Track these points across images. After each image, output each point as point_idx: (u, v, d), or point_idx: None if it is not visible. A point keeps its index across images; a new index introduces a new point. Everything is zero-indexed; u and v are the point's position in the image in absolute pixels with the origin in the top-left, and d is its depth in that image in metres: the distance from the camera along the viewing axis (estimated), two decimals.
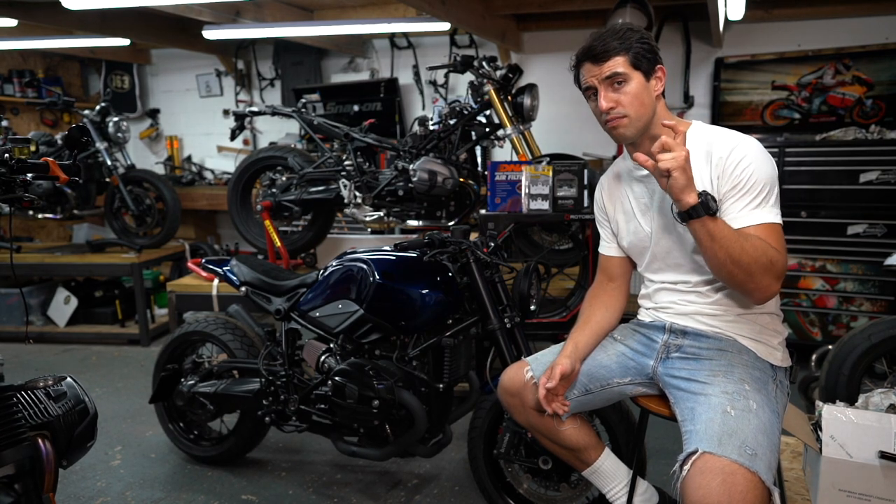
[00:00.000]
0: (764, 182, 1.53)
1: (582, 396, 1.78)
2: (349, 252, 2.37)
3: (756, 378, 1.56)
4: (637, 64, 1.58)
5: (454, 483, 2.57)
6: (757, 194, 1.53)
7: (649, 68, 1.60)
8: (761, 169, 1.54)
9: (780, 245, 1.53)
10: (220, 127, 5.95)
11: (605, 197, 1.88)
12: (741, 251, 1.46)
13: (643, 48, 1.58)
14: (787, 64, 4.36)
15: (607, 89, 1.59)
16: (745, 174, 1.53)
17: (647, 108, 1.61)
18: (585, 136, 4.81)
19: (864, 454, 1.74)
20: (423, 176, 3.14)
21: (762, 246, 1.49)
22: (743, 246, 1.47)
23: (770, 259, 1.48)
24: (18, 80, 5.70)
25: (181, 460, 2.81)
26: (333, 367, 2.26)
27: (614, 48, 1.57)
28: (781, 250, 1.53)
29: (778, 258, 1.50)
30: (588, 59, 1.61)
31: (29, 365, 4.09)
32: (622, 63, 1.57)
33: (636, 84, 1.58)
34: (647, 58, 1.59)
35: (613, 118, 1.60)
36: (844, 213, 3.42)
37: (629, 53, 1.57)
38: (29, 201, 1.54)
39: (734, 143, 1.58)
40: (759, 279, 1.49)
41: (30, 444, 1.31)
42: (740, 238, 1.48)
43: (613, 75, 1.58)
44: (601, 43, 1.58)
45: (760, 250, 1.48)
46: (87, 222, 5.61)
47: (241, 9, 4.30)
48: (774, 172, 1.56)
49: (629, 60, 1.57)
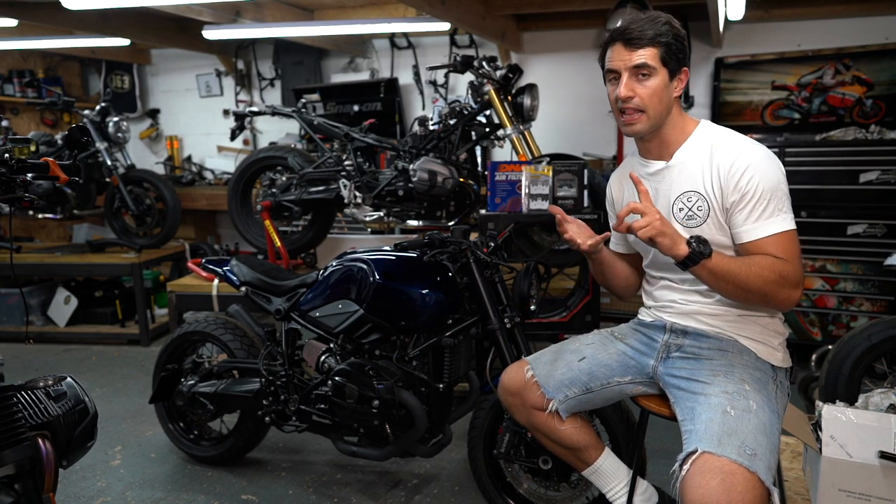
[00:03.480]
0: (770, 190, 1.52)
1: (582, 395, 1.78)
2: (349, 252, 2.37)
3: (756, 378, 1.56)
4: (666, 60, 1.57)
5: (454, 483, 2.57)
6: (765, 204, 1.52)
7: (676, 68, 1.59)
8: (766, 178, 1.52)
9: (790, 253, 1.52)
10: (220, 127, 5.95)
11: (614, 194, 1.89)
12: (748, 278, 1.49)
13: (677, 45, 1.57)
14: (787, 64, 4.37)
15: (631, 78, 1.58)
16: (750, 185, 1.52)
17: (664, 107, 1.60)
18: (585, 136, 4.81)
19: (864, 454, 1.74)
20: (423, 176, 3.14)
21: (769, 264, 1.49)
22: (749, 272, 1.49)
23: (780, 273, 1.49)
24: (18, 80, 5.70)
25: (181, 460, 2.81)
26: (333, 367, 2.26)
27: (649, 38, 1.55)
28: (792, 258, 1.52)
29: (788, 269, 1.50)
30: (621, 39, 1.58)
31: (29, 365, 4.09)
32: (653, 55, 1.55)
33: (660, 80, 1.57)
34: (677, 57, 1.58)
35: (630, 113, 1.60)
36: (844, 213, 3.41)
37: (662, 47, 1.55)
38: (29, 201, 1.54)
39: (737, 152, 1.55)
40: (776, 295, 1.51)
41: (30, 444, 1.31)
42: (744, 265, 1.49)
43: (641, 66, 1.56)
44: (638, 28, 1.55)
45: (768, 269, 1.49)
46: (87, 222, 5.61)
47: (241, 9, 4.30)
48: (781, 178, 1.54)
49: (660, 55, 1.56)
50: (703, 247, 1.47)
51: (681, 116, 1.66)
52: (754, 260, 1.51)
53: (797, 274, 1.52)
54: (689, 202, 1.62)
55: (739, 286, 1.50)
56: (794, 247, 1.54)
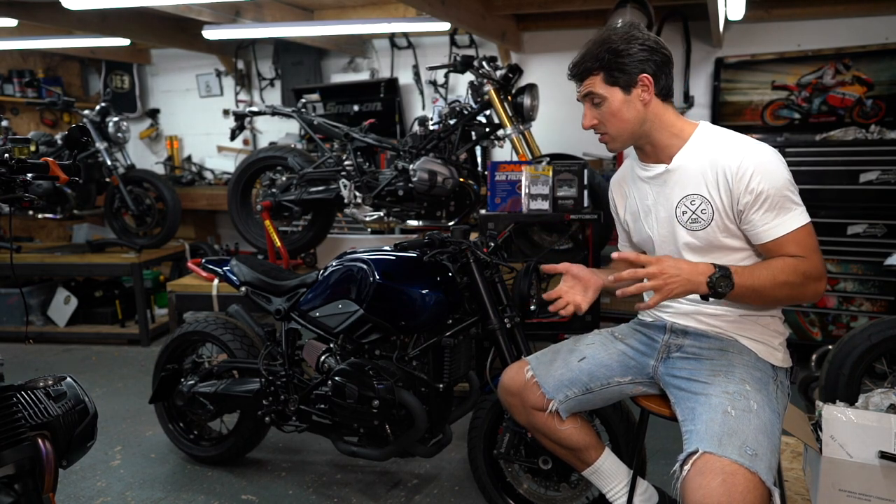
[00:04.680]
0: (780, 189, 1.52)
1: (582, 395, 1.78)
2: (349, 252, 2.37)
3: (757, 378, 1.56)
4: (612, 81, 1.59)
5: (454, 483, 2.57)
6: (780, 202, 1.52)
7: (628, 81, 1.59)
8: (773, 178, 1.52)
9: (809, 247, 1.54)
10: (220, 127, 5.94)
11: (616, 198, 1.89)
12: (773, 287, 1.51)
13: (617, 64, 1.57)
14: (787, 64, 4.36)
15: (590, 108, 1.66)
16: (762, 185, 1.51)
17: (630, 122, 1.62)
18: (585, 136, 4.72)
19: (864, 454, 1.74)
20: (423, 176, 3.14)
21: (792, 268, 1.51)
22: (774, 281, 1.51)
23: (803, 273, 1.52)
24: (18, 80, 5.70)
25: (181, 460, 2.81)
26: (333, 367, 2.25)
27: (588, 69, 1.61)
28: (811, 253, 1.54)
29: (809, 267, 1.53)
30: (571, 76, 1.67)
31: (29, 365, 4.09)
32: (598, 82, 1.61)
33: (613, 101, 1.61)
34: (623, 70, 1.58)
35: (600, 134, 1.68)
36: (844, 213, 3.41)
37: (602, 72, 1.59)
38: (29, 201, 1.54)
39: (741, 155, 1.54)
40: (804, 293, 1.55)
41: (30, 444, 1.31)
42: (769, 278, 1.51)
43: (589, 95, 1.63)
44: (579, 60, 1.63)
45: (792, 273, 1.51)
46: (87, 222, 5.61)
47: (241, 9, 4.30)
48: (788, 175, 1.54)
49: (603, 78, 1.60)
50: (722, 282, 1.49)
51: (674, 119, 1.65)
52: (775, 266, 1.52)
53: (819, 268, 1.54)
54: (692, 205, 1.61)
55: (765, 298, 1.55)
56: (812, 240, 1.55)
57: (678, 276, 1.48)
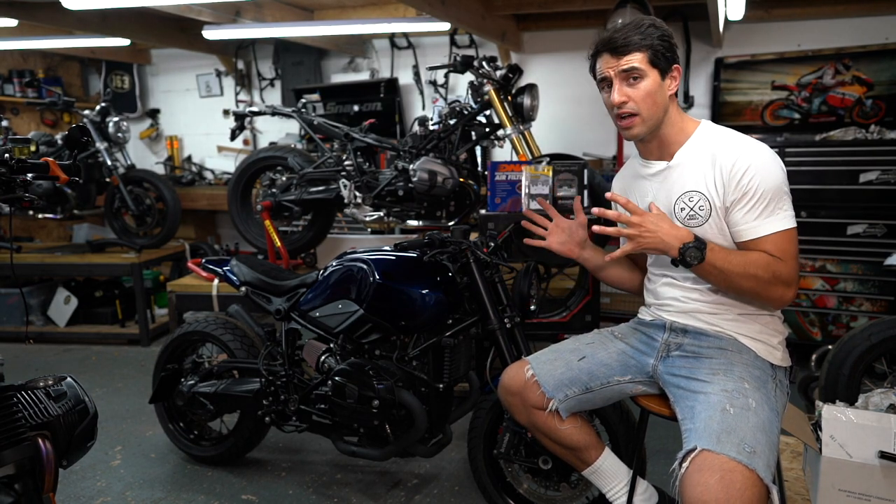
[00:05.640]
0: (772, 190, 1.53)
1: (582, 395, 1.78)
2: (349, 252, 2.37)
3: (756, 377, 1.56)
4: (655, 62, 1.58)
5: (454, 483, 2.57)
6: (765, 203, 1.53)
7: (666, 67, 1.60)
8: (768, 177, 1.53)
9: (787, 252, 1.54)
10: (220, 127, 5.94)
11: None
12: (741, 276, 1.53)
13: (663, 46, 1.58)
14: (787, 64, 4.36)
15: (622, 83, 1.60)
16: (751, 184, 1.53)
17: (660, 108, 1.61)
18: (585, 136, 4.81)
19: (863, 454, 1.74)
20: (423, 176, 3.14)
21: (765, 264, 1.52)
22: (744, 271, 1.52)
23: (773, 272, 1.52)
24: (18, 80, 5.69)
25: (181, 460, 2.81)
26: (333, 367, 2.25)
27: (635, 43, 1.57)
28: (788, 258, 1.54)
29: (783, 269, 1.53)
30: (607, 50, 1.60)
31: (29, 365, 4.09)
32: (641, 59, 1.57)
33: (651, 82, 1.58)
34: (665, 56, 1.59)
35: (625, 116, 1.62)
36: (844, 213, 3.42)
37: (649, 50, 1.57)
38: (29, 201, 1.54)
39: (739, 152, 1.56)
40: (769, 293, 1.55)
41: (30, 444, 1.31)
42: (740, 265, 1.53)
43: (630, 70, 1.58)
44: (622, 35, 1.57)
45: (763, 268, 1.52)
46: (87, 222, 5.61)
47: (241, 9, 4.30)
48: (783, 178, 1.55)
49: (648, 57, 1.57)
50: (695, 252, 1.52)
51: (680, 116, 1.67)
52: (750, 259, 1.53)
53: (792, 273, 1.54)
54: (690, 202, 1.62)
55: (731, 286, 1.57)
56: (792, 246, 1.55)
57: (655, 232, 1.54)
